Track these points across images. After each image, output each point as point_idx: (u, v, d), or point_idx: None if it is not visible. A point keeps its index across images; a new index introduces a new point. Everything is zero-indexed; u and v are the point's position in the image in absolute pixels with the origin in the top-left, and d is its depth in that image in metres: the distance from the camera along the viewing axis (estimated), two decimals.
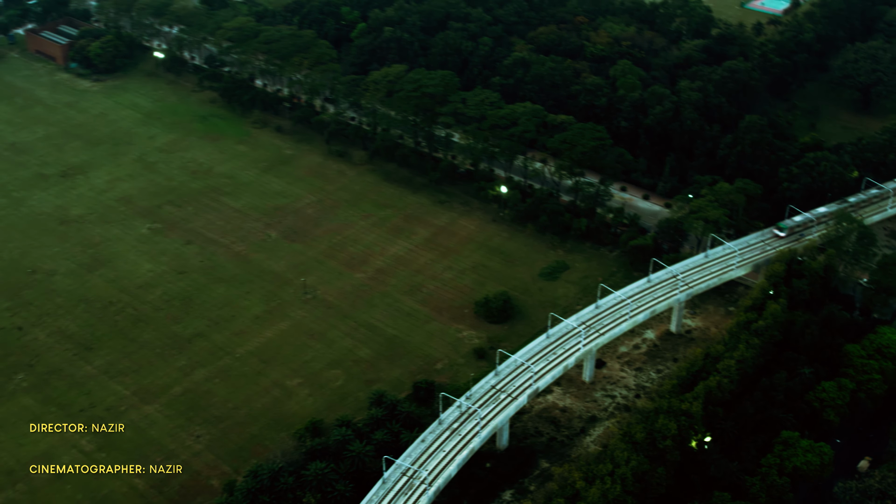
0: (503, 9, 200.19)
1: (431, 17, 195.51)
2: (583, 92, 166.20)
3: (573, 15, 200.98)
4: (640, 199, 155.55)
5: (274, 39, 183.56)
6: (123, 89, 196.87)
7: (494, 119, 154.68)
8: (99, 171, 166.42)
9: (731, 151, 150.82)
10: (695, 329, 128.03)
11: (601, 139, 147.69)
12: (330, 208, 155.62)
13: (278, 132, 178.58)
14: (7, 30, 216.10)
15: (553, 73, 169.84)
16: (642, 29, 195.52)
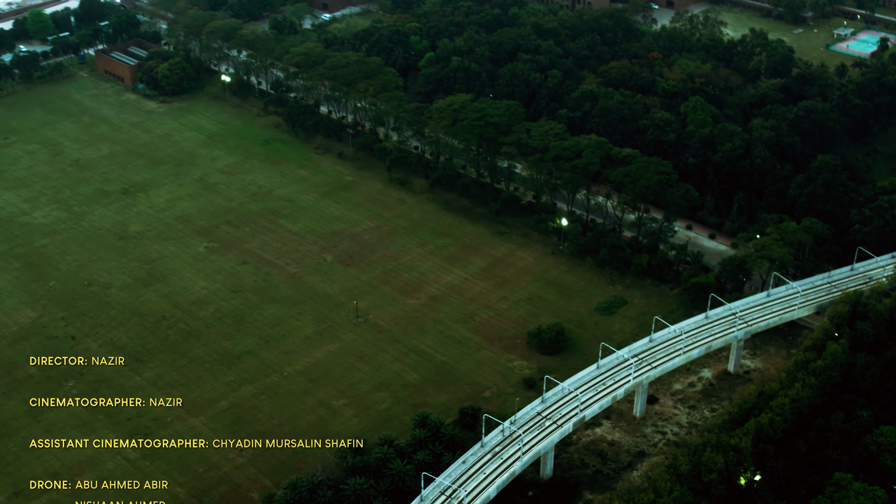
0: (575, 42, 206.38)
1: (501, 48, 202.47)
2: (651, 127, 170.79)
3: (647, 51, 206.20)
4: (706, 238, 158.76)
5: (340, 65, 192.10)
6: (189, 111, 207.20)
7: (558, 150, 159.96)
8: (160, 190, 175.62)
9: (801, 192, 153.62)
10: (754, 370, 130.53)
11: (666, 174, 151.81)
12: (387, 235, 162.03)
13: (340, 158, 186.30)
14: (78, 50, 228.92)
15: (621, 107, 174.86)
16: (718, 66, 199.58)
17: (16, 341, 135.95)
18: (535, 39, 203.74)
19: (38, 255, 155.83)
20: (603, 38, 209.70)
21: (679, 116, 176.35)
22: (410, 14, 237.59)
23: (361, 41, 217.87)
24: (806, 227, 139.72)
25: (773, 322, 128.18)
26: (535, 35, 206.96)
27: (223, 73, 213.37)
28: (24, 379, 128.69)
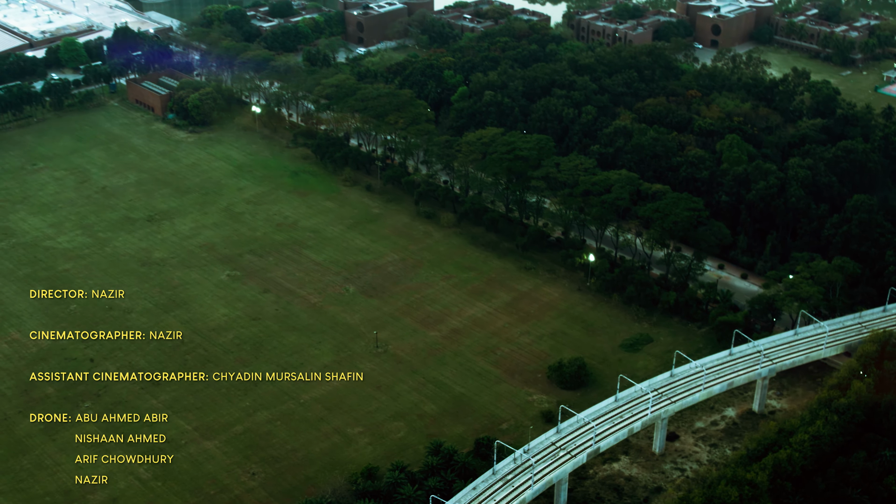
0: (611, 79, 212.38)
1: (535, 83, 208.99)
2: (684, 164, 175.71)
3: (686, 89, 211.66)
4: (738, 278, 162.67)
5: (370, 97, 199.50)
6: (218, 142, 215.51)
7: (587, 185, 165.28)
8: (185, 218, 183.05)
9: (836, 231, 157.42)
10: (779, 410, 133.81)
11: (696, 210, 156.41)
12: (411, 267, 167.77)
13: (368, 191, 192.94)
14: (110, 78, 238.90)
15: (654, 144, 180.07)
16: (758, 106, 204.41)
17: (35, 362, 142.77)
18: (570, 75, 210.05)
19: (61, 278, 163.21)
20: (640, 75, 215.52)
21: (714, 154, 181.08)
22: (446, 49, 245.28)
23: (395, 74, 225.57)
24: (837, 265, 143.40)
25: (799, 360, 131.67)
26: (570, 71, 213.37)
27: (254, 105, 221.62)
28: (41, 398, 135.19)
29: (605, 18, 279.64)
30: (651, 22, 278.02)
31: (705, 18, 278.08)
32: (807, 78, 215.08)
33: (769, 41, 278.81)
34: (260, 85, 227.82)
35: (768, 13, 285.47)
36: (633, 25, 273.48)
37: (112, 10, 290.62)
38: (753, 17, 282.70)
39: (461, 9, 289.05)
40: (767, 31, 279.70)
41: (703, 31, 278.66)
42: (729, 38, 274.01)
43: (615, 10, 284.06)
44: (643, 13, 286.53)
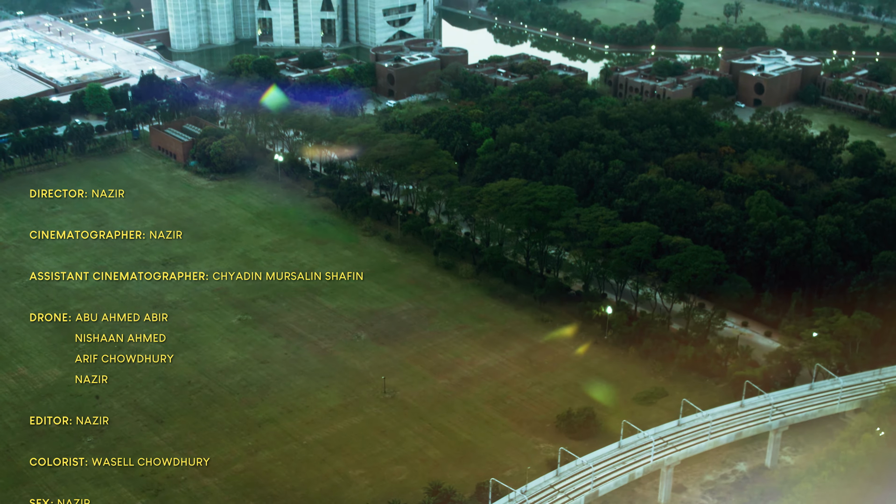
0: (642, 133, 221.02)
1: (563, 136, 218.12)
2: (710, 219, 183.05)
3: (720, 145, 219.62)
4: (762, 336, 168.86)
5: (393, 146, 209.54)
6: (239, 189, 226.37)
7: (607, 236, 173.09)
8: (200, 263, 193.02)
9: (862, 289, 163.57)
10: (793, 467, 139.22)
11: (716, 263, 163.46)
12: (426, 316, 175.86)
13: (387, 241, 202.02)
14: (133, 125, 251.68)
15: (680, 198, 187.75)
16: (793, 164, 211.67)
17: (40, 397, 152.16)
18: (599, 128, 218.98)
19: (71, 318, 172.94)
20: (673, 130, 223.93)
21: (742, 211, 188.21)
22: (476, 102, 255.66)
23: (421, 125, 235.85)
24: (856, 320, 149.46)
25: (813, 414, 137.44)
26: (600, 124, 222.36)
27: (276, 153, 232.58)
28: (44, 432, 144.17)
29: (644, 75, 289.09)
30: (692, 80, 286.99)
31: (748, 77, 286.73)
32: (845, 136, 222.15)
33: (815, 101, 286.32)
34: (283, 134, 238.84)
35: (815, 73, 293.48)
36: (673, 83, 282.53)
37: (140, 58, 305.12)
38: (799, 77, 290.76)
39: (495, 63, 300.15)
40: (813, 90, 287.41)
41: (745, 90, 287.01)
42: (773, 97, 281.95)
43: (655, 68, 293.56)
44: (684, 71, 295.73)
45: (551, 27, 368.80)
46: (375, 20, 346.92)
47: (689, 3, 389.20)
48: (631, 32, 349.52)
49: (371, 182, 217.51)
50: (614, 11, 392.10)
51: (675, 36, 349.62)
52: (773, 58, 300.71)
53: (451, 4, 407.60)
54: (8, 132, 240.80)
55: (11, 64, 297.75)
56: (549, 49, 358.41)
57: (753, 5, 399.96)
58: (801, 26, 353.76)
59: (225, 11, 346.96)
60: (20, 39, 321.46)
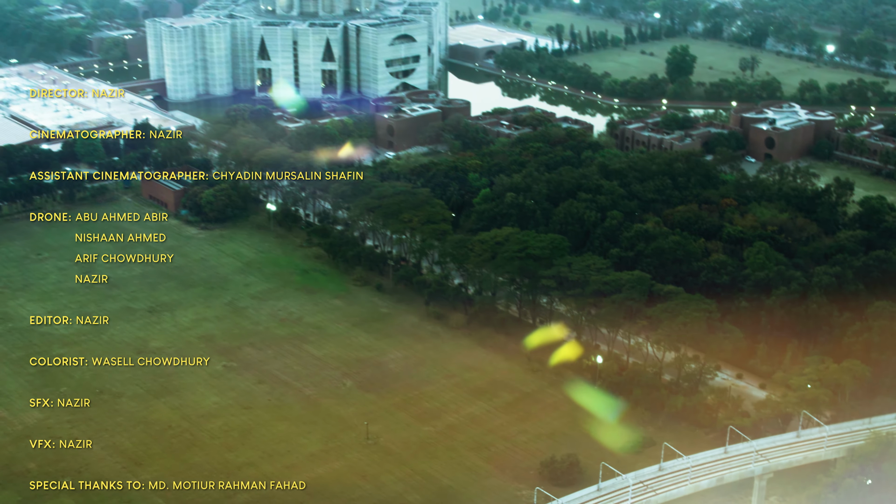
0: (642, 185, 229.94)
1: (561, 187, 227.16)
2: (705, 269, 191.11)
3: (722, 197, 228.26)
4: (756, 387, 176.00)
5: (387, 195, 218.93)
6: (229, 239, 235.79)
7: (598, 284, 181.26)
8: (187, 311, 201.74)
9: (857, 339, 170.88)
10: None
11: (707, 311, 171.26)
12: (414, 365, 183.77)
13: (378, 290, 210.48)
14: (124, 173, 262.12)
15: (676, 248, 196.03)
16: (797, 216, 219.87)
17: (19, 439, 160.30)
18: (598, 179, 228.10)
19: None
20: (674, 182, 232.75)
21: (740, 262, 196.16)
22: (475, 153, 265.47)
23: (418, 175, 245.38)
24: (845, 367, 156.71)
25: (797, 460, 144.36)
26: (599, 175, 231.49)
27: (269, 203, 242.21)
28: (22, 473, 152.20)
29: (652, 128, 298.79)
30: (700, 133, 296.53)
31: (758, 131, 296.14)
32: (850, 189, 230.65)
33: (828, 156, 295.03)
34: (277, 183, 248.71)
35: (829, 127, 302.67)
36: (681, 136, 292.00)
37: (135, 108, 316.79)
38: (812, 131, 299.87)
39: (499, 115, 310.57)
40: (826, 145, 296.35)
41: (756, 145, 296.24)
42: (784, 152, 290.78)
43: (663, 121, 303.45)
44: (693, 124, 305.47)
45: (560, 80, 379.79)
46: (378, 71, 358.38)
47: (705, 58, 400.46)
48: (641, 86, 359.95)
49: (364, 232, 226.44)
50: (626, 65, 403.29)
51: (688, 90, 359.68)
52: (786, 112, 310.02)
53: (457, 57, 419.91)
54: None
55: (3, 112, 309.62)
56: (558, 103, 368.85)
57: (771, 59, 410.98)
58: (820, 81, 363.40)
59: (223, 61, 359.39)
60: (13, 88, 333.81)
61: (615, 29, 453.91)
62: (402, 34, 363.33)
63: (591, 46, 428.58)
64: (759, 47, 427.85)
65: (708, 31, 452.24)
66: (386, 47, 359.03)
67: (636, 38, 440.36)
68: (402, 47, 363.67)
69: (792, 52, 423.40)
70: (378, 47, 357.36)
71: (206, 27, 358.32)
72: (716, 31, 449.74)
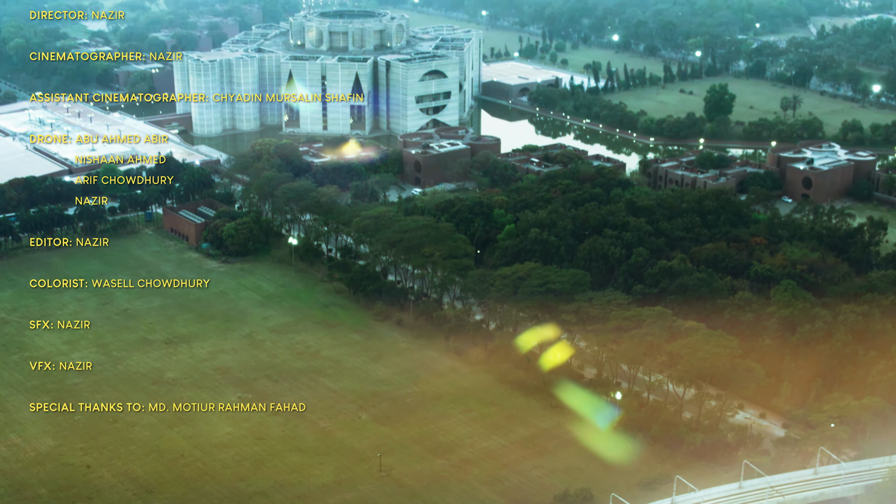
0: (671, 222, 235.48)
1: (586, 223, 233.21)
2: (729, 306, 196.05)
3: (753, 236, 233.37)
4: (780, 426, 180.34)
5: (408, 229, 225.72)
6: (250, 273, 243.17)
7: (618, 320, 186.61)
8: (204, 343, 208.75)
9: (882, 378, 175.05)
10: None
11: (729, 348, 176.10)
12: (431, 400, 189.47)
13: (398, 325, 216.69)
14: (146, 206, 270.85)
15: (700, 285, 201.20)
16: (827, 256, 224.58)
17: (30, 465, 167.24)
18: (624, 216, 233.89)
19: (69, 391, 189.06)
20: (704, 220, 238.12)
21: (766, 300, 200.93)
22: (501, 189, 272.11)
23: (442, 211, 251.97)
24: (865, 405, 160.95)
25: (813, 497, 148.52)
26: (626, 212, 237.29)
27: (291, 237, 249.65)
28: (33, 498, 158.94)
29: (686, 167, 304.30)
30: (735, 173, 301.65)
31: (795, 171, 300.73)
32: (884, 228, 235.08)
33: (868, 198, 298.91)
34: (300, 217, 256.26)
35: (869, 168, 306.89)
36: (715, 175, 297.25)
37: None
38: (851, 172, 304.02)
39: (529, 152, 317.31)
40: (866, 186, 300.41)
41: (793, 185, 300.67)
42: (821, 192, 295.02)
43: (697, 160, 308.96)
44: (728, 163, 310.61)
45: (595, 118, 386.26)
46: (408, 107, 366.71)
47: (746, 97, 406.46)
48: (678, 125, 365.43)
49: (386, 267, 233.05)
50: (664, 104, 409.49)
51: (726, 129, 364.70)
52: (825, 151, 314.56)
53: (490, 94, 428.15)
54: (18, 211, 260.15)
55: (26, 144, 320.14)
56: (593, 141, 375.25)
57: (814, 99, 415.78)
58: (864, 121, 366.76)
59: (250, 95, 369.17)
60: (37, 120, 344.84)
61: (654, 67, 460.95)
62: (432, 70, 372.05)
63: (628, 85, 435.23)
64: (803, 87, 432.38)
65: (750, 70, 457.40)
66: (416, 83, 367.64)
67: (675, 77, 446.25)
68: (433, 83, 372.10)
69: (837, 93, 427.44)
70: (408, 83, 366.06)
71: (234, 61, 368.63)
72: (758, 70, 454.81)
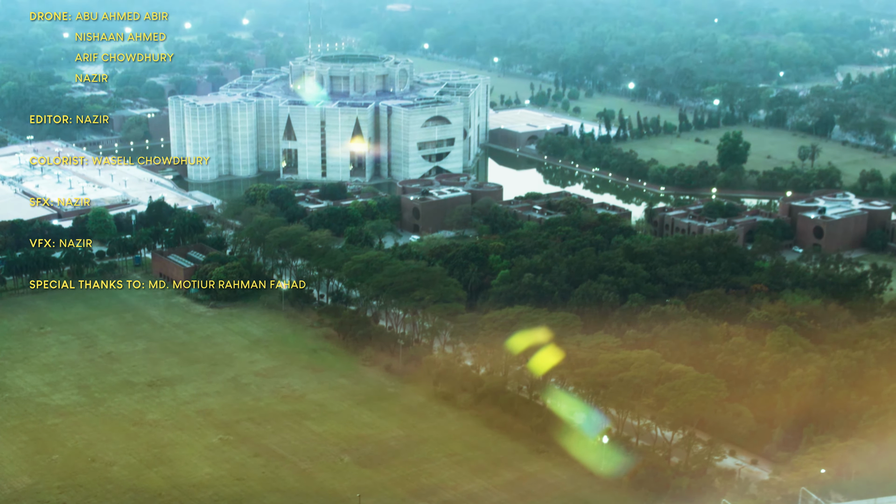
0: (669, 269, 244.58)
1: (582, 268, 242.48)
2: (721, 351, 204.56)
3: (753, 282, 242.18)
4: (770, 472, 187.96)
5: (399, 273, 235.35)
6: (239, 317, 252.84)
7: (606, 363, 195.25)
8: (187, 386, 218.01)
9: (873, 423, 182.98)
10: None
11: (716, 391, 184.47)
12: (416, 443, 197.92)
13: (386, 370, 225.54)
14: (135, 250, 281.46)
15: (693, 329, 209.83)
16: (829, 303, 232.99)
17: (6, 503, 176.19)
18: (621, 261, 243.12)
19: (48, 431, 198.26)
20: (703, 266, 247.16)
21: (762, 345, 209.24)
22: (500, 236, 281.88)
23: (437, 256, 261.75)
24: (849, 446, 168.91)
25: None
26: (623, 258, 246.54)
27: (281, 282, 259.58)
28: None
29: (694, 216, 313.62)
30: (744, 221, 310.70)
31: (806, 220, 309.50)
32: (888, 275, 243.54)
33: (882, 248, 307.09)
34: (291, 262, 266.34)
35: (884, 217, 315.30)
36: (724, 224, 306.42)
37: (152, 186, 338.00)
38: (865, 221, 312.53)
39: (532, 199, 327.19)
40: (880, 236, 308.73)
41: (804, 234, 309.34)
42: (833, 242, 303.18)
43: (706, 208, 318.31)
44: (738, 212, 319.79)
45: (604, 167, 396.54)
46: (409, 154, 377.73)
47: (764, 146, 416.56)
48: (690, 174, 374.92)
49: (377, 311, 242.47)
50: (678, 153, 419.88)
51: (740, 178, 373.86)
52: (839, 201, 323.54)
53: (498, 142, 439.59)
54: (4, 254, 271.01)
55: (15, 188, 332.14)
56: (603, 191, 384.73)
57: (836, 149, 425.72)
58: (886, 172, 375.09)
59: (247, 141, 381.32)
60: (27, 164, 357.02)
61: (670, 116, 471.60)
62: (435, 115, 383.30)
63: (641, 133, 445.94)
64: (825, 136, 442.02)
65: (770, 119, 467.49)
66: (418, 129, 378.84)
67: (692, 126, 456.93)
68: (436, 129, 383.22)
69: (860, 143, 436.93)
70: (410, 129, 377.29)
71: (231, 105, 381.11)
72: (779, 119, 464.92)
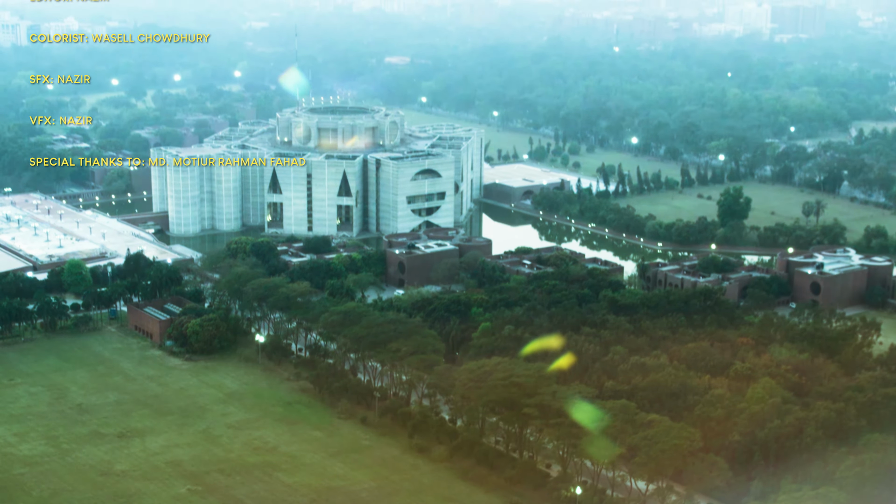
0: (653, 321, 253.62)
1: (564, 321, 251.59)
2: (700, 402, 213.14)
3: (740, 336, 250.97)
4: None
5: (376, 324, 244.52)
6: (214, 370, 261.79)
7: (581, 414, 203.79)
8: (158, 437, 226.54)
9: (849, 473, 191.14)
10: None
11: (689, 440, 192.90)
12: (387, 495, 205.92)
13: (362, 423, 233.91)
14: (111, 303, 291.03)
15: (672, 381, 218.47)
16: (816, 357, 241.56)
17: None
18: (604, 314, 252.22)
19: (13, 480, 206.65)
20: (689, 319, 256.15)
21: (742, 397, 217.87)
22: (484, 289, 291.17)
23: (418, 309, 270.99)
24: (820, 494, 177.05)
25: None
26: (607, 310, 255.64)
27: (257, 335, 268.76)
28: None
29: (688, 271, 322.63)
30: (740, 277, 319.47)
31: (804, 276, 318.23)
32: (877, 329, 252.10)
33: (882, 305, 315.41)
34: (269, 315, 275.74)
35: (884, 273, 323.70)
36: (718, 280, 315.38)
37: (132, 239, 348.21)
38: (864, 277, 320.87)
39: (522, 254, 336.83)
40: (880, 293, 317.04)
41: (801, 290, 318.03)
42: (830, 298, 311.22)
43: (700, 264, 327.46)
44: (734, 268, 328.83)
45: (600, 223, 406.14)
46: (398, 208, 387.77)
47: (768, 202, 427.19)
48: (688, 229, 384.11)
49: (354, 364, 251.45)
50: (679, 208, 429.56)
51: (740, 234, 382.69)
52: (838, 256, 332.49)
53: (492, 197, 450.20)
54: None
55: None
56: (600, 247, 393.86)
57: (843, 206, 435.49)
58: (892, 228, 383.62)
59: (231, 194, 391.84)
60: (4, 216, 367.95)
61: (673, 171, 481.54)
62: (425, 169, 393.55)
63: (642, 189, 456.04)
64: (833, 193, 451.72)
65: (777, 175, 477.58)
66: (407, 182, 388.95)
67: (695, 181, 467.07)
68: (426, 183, 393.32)
69: (868, 199, 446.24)
70: (399, 182, 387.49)
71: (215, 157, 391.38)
72: (786, 174, 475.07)
